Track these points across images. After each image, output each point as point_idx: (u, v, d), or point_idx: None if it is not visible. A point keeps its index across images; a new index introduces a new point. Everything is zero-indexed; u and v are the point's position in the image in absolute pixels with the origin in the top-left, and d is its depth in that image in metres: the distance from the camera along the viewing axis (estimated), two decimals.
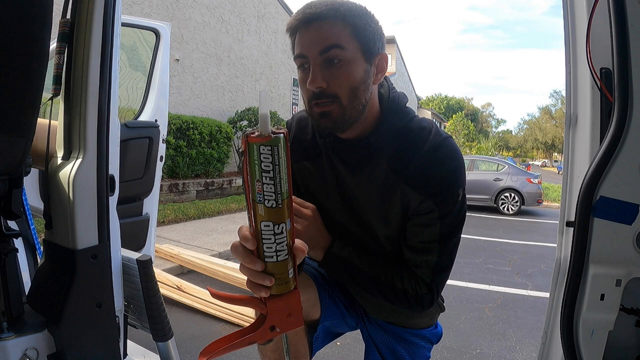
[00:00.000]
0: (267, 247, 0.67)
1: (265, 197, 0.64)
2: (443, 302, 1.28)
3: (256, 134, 0.62)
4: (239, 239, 0.68)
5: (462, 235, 1.08)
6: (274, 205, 0.64)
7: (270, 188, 0.63)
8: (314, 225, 1.08)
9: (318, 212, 1.10)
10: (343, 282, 1.25)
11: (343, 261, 1.09)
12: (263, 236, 0.66)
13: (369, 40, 0.98)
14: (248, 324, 0.75)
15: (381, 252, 1.12)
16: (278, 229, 0.66)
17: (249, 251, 0.67)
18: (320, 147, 1.12)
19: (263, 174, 0.63)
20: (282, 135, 0.63)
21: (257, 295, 0.69)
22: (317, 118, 1.00)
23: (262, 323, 0.72)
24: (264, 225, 0.66)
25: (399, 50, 26.24)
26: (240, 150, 0.65)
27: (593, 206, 1.04)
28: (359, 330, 1.35)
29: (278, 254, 0.68)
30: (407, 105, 1.11)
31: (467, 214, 1.07)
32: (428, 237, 1.03)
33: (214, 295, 0.71)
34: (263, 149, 0.62)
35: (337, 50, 0.94)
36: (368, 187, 1.07)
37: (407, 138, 1.04)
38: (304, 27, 0.97)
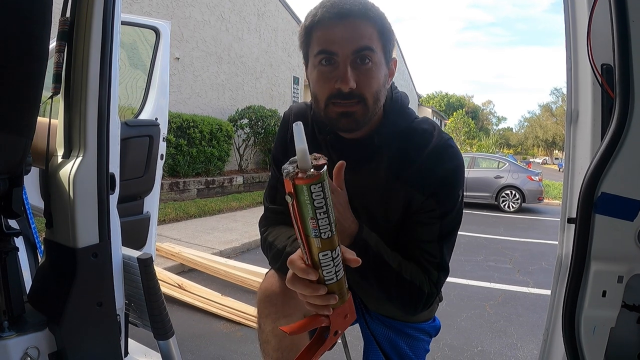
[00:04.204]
0: (327, 272, 0.68)
1: (321, 230, 0.64)
2: (441, 291, 1.29)
3: (299, 174, 0.61)
4: (292, 273, 0.70)
5: (463, 233, 1.08)
6: (329, 236, 0.65)
7: (325, 221, 0.63)
8: (339, 209, 0.95)
9: (344, 193, 0.97)
10: (359, 275, 1.08)
11: (370, 250, 0.99)
12: (322, 265, 0.68)
13: (389, 45, 0.98)
14: (249, 322, 0.76)
15: None
16: (335, 253, 0.67)
17: (308, 281, 0.69)
18: (319, 141, 1.12)
19: (317, 211, 0.62)
20: (325, 166, 0.62)
21: (322, 312, 0.73)
22: (335, 117, 0.97)
23: (325, 332, 0.75)
24: (322, 255, 0.66)
25: (400, 48, 26.23)
26: (287, 193, 0.63)
27: (594, 202, 1.04)
28: (358, 328, 1.35)
29: (337, 274, 0.69)
30: (408, 106, 1.11)
31: (468, 211, 1.07)
32: (429, 235, 1.03)
33: (289, 332, 0.73)
34: (314, 188, 0.61)
35: (370, 52, 0.93)
36: (369, 185, 1.07)
37: (411, 138, 1.04)
38: (337, 20, 0.93)
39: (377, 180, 1.05)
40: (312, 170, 0.61)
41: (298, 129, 0.62)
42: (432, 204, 1.01)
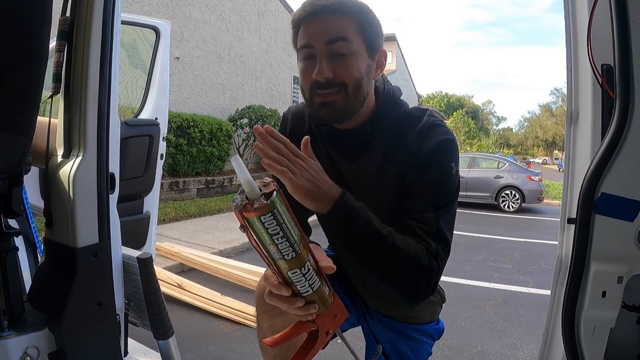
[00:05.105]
0: (300, 287, 0.69)
1: (283, 253, 0.64)
2: (444, 292, 1.29)
3: (247, 206, 0.61)
4: (268, 288, 0.72)
5: (463, 233, 1.07)
6: (293, 256, 0.65)
7: (285, 244, 0.63)
8: (315, 176, 0.87)
9: (316, 162, 0.90)
10: (348, 248, 0.97)
11: (355, 214, 0.90)
12: (294, 281, 0.68)
13: (372, 37, 1.01)
14: (248, 322, 0.78)
15: None
16: (304, 269, 0.68)
17: (284, 296, 0.71)
18: (316, 137, 1.14)
19: (273, 237, 0.62)
20: (274, 193, 0.62)
21: (306, 319, 0.74)
22: (317, 108, 1.01)
23: (316, 334, 0.77)
24: (291, 273, 0.67)
25: (400, 48, 26.14)
26: (240, 226, 0.64)
27: (594, 203, 1.04)
28: (359, 327, 1.35)
29: (312, 286, 0.70)
30: (400, 98, 1.13)
31: (467, 211, 1.07)
32: (424, 207, 0.98)
33: (272, 344, 0.75)
34: (265, 219, 0.61)
35: (344, 43, 0.97)
36: (365, 174, 1.08)
37: (404, 125, 1.06)
38: (312, 17, 0.99)
39: (372, 169, 1.07)
40: (261, 198, 0.61)
41: (237, 162, 0.63)
42: (423, 176, 0.99)
